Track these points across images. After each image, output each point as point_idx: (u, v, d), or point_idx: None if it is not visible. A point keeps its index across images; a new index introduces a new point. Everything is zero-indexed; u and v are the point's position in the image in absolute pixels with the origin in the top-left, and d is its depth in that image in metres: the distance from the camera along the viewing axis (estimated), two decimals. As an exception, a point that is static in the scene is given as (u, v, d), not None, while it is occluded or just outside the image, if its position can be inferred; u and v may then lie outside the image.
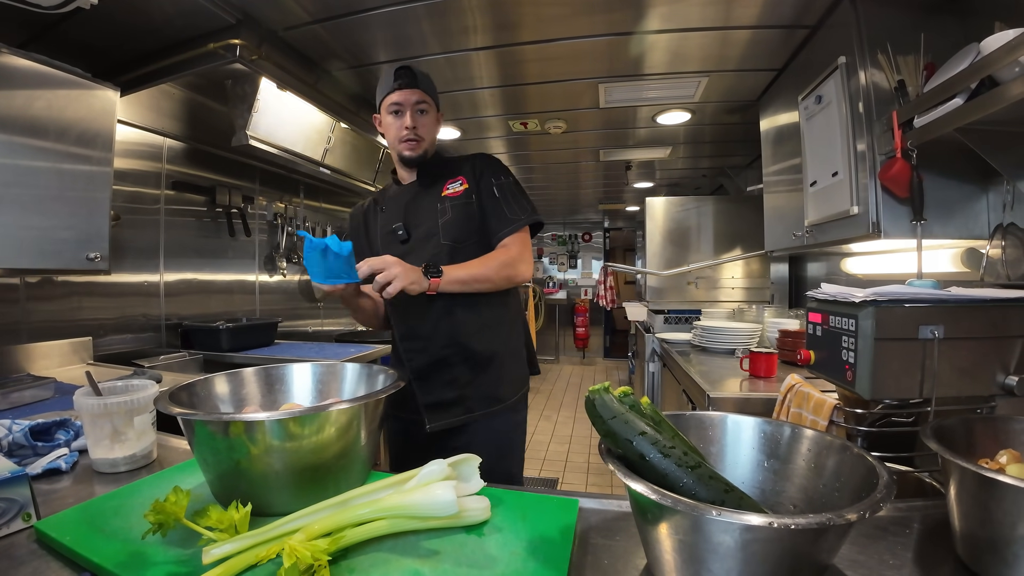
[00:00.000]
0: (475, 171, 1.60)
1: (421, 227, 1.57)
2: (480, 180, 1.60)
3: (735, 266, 4.21)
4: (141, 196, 2.77)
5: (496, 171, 1.63)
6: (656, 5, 2.13)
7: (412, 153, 1.56)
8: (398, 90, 1.52)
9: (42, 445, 1.07)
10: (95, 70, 2.11)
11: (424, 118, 1.57)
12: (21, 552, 0.72)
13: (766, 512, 0.62)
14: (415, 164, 1.61)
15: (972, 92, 1.37)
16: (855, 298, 0.98)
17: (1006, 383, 0.97)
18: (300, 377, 1.15)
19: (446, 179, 1.61)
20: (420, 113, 1.55)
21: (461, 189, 1.58)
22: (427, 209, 1.58)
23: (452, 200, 1.57)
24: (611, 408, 0.66)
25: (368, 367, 1.14)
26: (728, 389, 1.99)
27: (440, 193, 1.59)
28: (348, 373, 1.16)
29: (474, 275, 1.46)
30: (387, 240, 1.62)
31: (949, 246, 1.94)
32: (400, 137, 1.55)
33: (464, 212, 1.56)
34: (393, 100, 1.53)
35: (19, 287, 2.21)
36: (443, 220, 1.55)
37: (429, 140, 1.59)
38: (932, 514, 0.82)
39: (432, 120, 1.60)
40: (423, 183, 1.63)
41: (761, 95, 3.02)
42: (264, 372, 1.12)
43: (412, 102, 1.53)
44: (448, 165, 1.65)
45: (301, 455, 0.79)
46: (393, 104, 1.54)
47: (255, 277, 3.64)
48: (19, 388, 1.73)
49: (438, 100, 1.64)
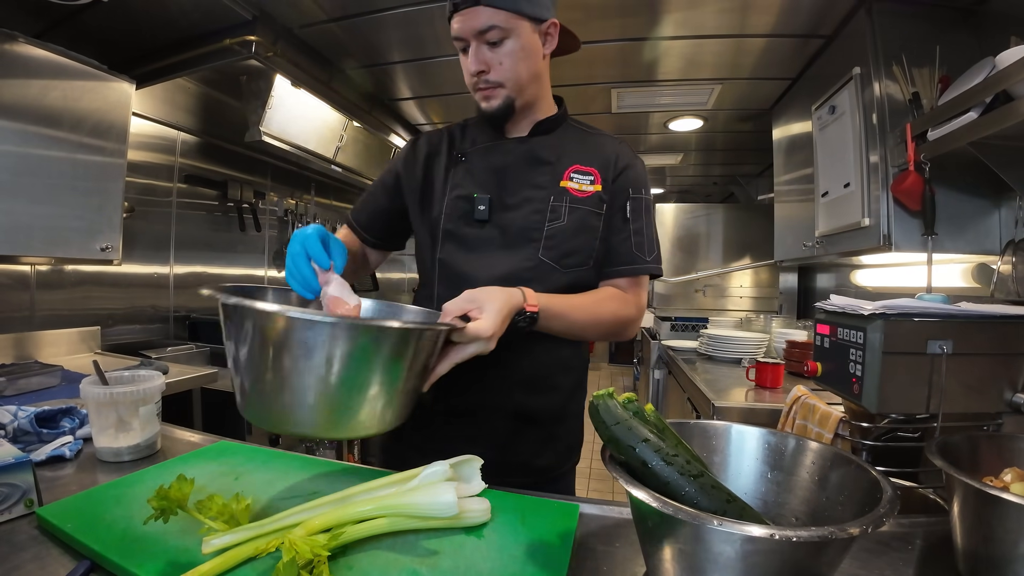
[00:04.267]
0: (614, 170, 1.16)
1: (514, 217, 1.12)
2: (616, 185, 1.15)
3: (744, 275, 4.19)
4: (153, 188, 2.79)
5: (640, 181, 1.17)
6: (671, 11, 2.13)
7: (489, 106, 1.10)
8: (457, 14, 1.03)
9: (47, 432, 1.08)
10: (111, 62, 2.13)
11: (500, 51, 1.04)
12: (22, 538, 0.72)
13: (768, 523, 0.62)
14: (504, 119, 1.13)
15: (987, 106, 1.37)
16: (864, 311, 0.98)
17: (1014, 401, 0.96)
18: None
19: (573, 160, 1.15)
20: (491, 46, 1.04)
21: (591, 190, 1.13)
22: (535, 194, 1.13)
23: (576, 201, 1.12)
24: (615, 414, 0.66)
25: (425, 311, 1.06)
26: (733, 399, 1.99)
27: (560, 180, 1.13)
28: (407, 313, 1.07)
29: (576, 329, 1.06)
30: (454, 208, 1.15)
31: (960, 261, 1.92)
32: (471, 84, 1.10)
33: (585, 224, 1.12)
34: (455, 32, 1.05)
35: (30, 275, 2.23)
36: (553, 224, 1.11)
37: (517, 82, 1.08)
38: (935, 530, 0.81)
39: (518, 48, 1.04)
40: (537, 149, 1.15)
41: (774, 104, 3.01)
42: None
43: (475, 30, 1.02)
44: (574, 138, 1.19)
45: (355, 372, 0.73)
46: (455, 39, 1.06)
47: (264, 272, 3.66)
48: (26, 375, 1.74)
49: (536, 6, 1.05)
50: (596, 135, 1.22)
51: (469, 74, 1.07)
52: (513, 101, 1.10)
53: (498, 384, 1.12)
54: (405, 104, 3.28)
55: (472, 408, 1.14)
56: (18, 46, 1.78)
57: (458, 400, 1.13)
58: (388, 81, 2.93)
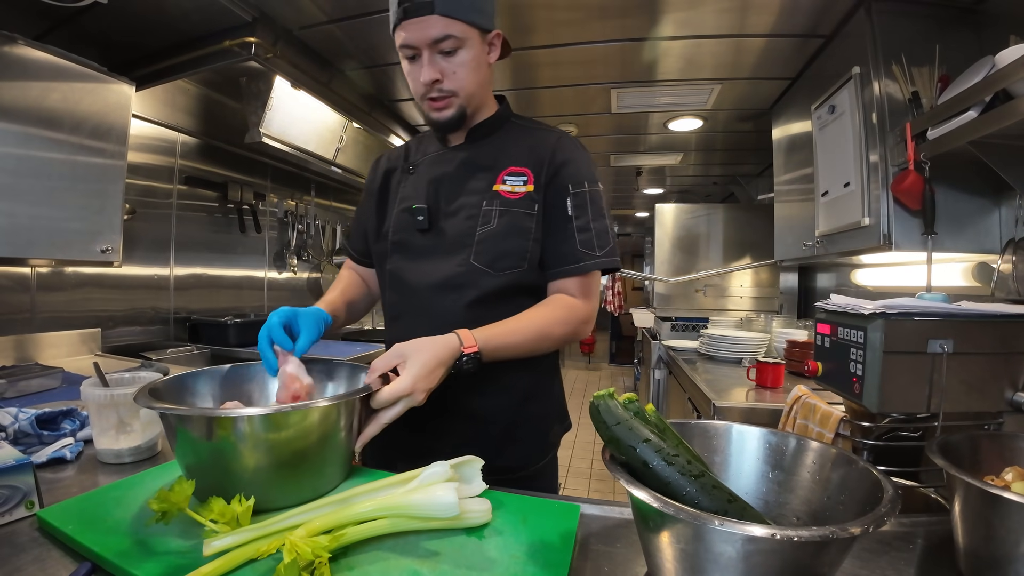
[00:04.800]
0: (549, 166, 1.13)
1: (451, 224, 1.14)
2: (553, 182, 1.13)
3: (744, 275, 4.19)
4: (154, 190, 2.79)
5: (581, 175, 1.14)
6: (670, 11, 2.13)
7: (441, 116, 1.09)
8: (408, 22, 1.00)
9: (48, 434, 1.08)
10: (111, 64, 2.13)
11: (454, 60, 1.04)
12: (23, 539, 0.72)
13: (769, 523, 0.62)
14: (455, 128, 1.14)
15: (986, 105, 1.36)
16: (864, 310, 0.98)
17: (1015, 400, 0.96)
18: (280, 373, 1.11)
19: (509, 162, 1.14)
20: (444, 55, 1.03)
21: (523, 191, 1.12)
22: (469, 200, 1.13)
23: (506, 204, 1.11)
24: (615, 414, 0.66)
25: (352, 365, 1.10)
26: (734, 398, 1.99)
27: (494, 183, 1.13)
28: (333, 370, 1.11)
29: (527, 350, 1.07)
30: (402, 220, 1.18)
31: (960, 260, 1.92)
32: (421, 95, 1.08)
33: (516, 226, 1.11)
34: (403, 39, 1.02)
35: (30, 277, 2.23)
36: (484, 229, 1.11)
37: (469, 91, 1.08)
38: (936, 530, 0.81)
39: (471, 57, 1.05)
40: (473, 154, 1.17)
41: (774, 104, 3.01)
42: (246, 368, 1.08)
43: (429, 39, 1.00)
44: (514, 138, 1.18)
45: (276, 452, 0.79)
46: (404, 46, 1.03)
47: (264, 273, 3.65)
48: (27, 377, 1.74)
49: (485, 17, 1.05)
50: (536, 131, 1.21)
51: (421, 83, 1.05)
52: (465, 110, 1.11)
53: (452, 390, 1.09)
54: (405, 105, 3.28)
55: (428, 414, 1.11)
56: (18, 48, 1.78)
57: None
58: (388, 82, 2.93)
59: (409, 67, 1.07)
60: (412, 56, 1.05)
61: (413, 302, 1.17)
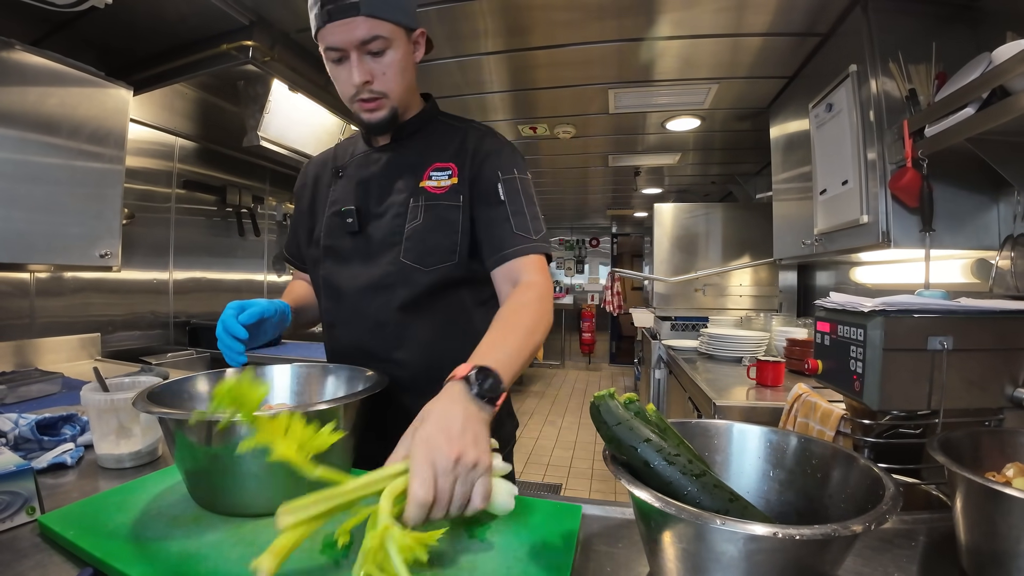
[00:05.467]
0: (474, 158, 1.13)
1: (380, 225, 1.13)
2: (479, 173, 1.12)
3: (743, 274, 4.19)
4: (152, 194, 2.79)
5: (507, 162, 1.13)
6: (667, 11, 2.14)
7: (373, 117, 1.08)
8: (332, 24, 0.98)
9: (48, 439, 1.08)
10: (108, 68, 2.13)
11: (383, 61, 1.03)
12: (24, 545, 0.72)
13: (771, 522, 0.62)
14: (386, 130, 1.13)
15: (984, 102, 1.36)
16: (864, 308, 0.98)
17: (1015, 395, 0.96)
18: (280, 378, 1.13)
19: (434, 158, 1.14)
20: (373, 56, 1.02)
21: (448, 184, 1.11)
22: (397, 198, 1.13)
23: (432, 198, 1.11)
24: (616, 414, 0.66)
25: (352, 368, 1.11)
26: (734, 397, 1.99)
27: (420, 180, 1.13)
28: (330, 374, 1.12)
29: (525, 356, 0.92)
30: (332, 224, 1.17)
31: (959, 257, 1.93)
32: (351, 96, 1.06)
33: (442, 219, 1.10)
34: (328, 42, 1.00)
35: (29, 282, 2.23)
36: (412, 225, 1.10)
37: (400, 91, 1.08)
38: (938, 527, 0.81)
39: (400, 57, 1.04)
40: (400, 153, 1.17)
41: (771, 102, 3.02)
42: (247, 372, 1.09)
43: (357, 40, 0.99)
44: (440, 135, 1.19)
45: None
46: (329, 49, 1.01)
47: (263, 276, 3.65)
48: (27, 382, 1.74)
49: (409, 16, 1.05)
50: (462, 128, 1.20)
51: (351, 85, 1.03)
52: (397, 111, 1.10)
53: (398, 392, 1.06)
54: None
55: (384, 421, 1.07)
56: (15, 54, 1.78)
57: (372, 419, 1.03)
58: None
59: (335, 69, 1.05)
60: (338, 59, 1.03)
61: (346, 307, 1.16)
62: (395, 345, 1.12)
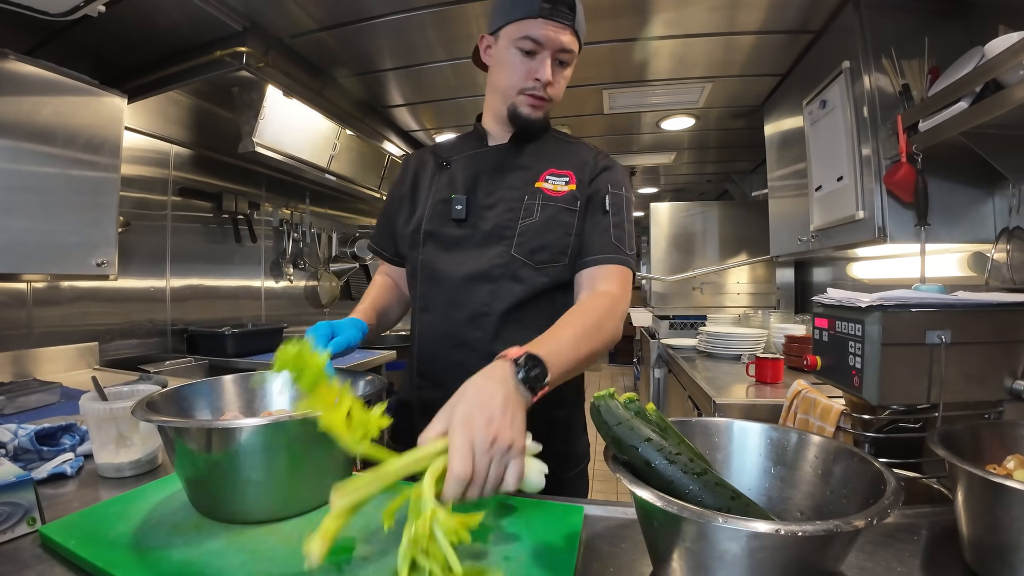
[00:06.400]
0: (592, 171, 1.19)
1: (490, 216, 1.15)
2: (594, 184, 1.18)
3: (741, 271, 4.20)
4: (148, 202, 2.78)
5: (619, 179, 1.20)
6: (660, 11, 2.14)
7: (532, 113, 1.15)
8: (547, 21, 1.06)
9: (47, 450, 1.07)
10: (102, 77, 2.13)
11: (563, 72, 1.15)
12: (25, 556, 0.72)
13: (773, 519, 0.62)
14: (525, 127, 1.19)
15: (977, 96, 1.37)
16: (861, 303, 0.98)
17: (1014, 388, 0.96)
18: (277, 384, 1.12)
19: (549, 165, 1.19)
20: (561, 64, 1.13)
21: (566, 189, 1.16)
22: (509, 194, 1.17)
23: (548, 199, 1.15)
24: (616, 414, 0.66)
25: (350, 373, 1.11)
26: (734, 395, 1.99)
27: (535, 181, 1.17)
28: None
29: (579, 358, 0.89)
30: (436, 212, 1.19)
31: (955, 250, 1.93)
32: (523, 87, 1.12)
33: (558, 221, 1.14)
34: (534, 33, 1.07)
35: (26, 292, 2.22)
36: (525, 221, 1.13)
37: (556, 102, 1.20)
38: (940, 520, 0.81)
39: (569, 75, 1.18)
40: (513, 154, 1.21)
41: (765, 100, 3.02)
42: (243, 379, 1.09)
43: (560, 45, 1.09)
44: (553, 145, 1.24)
45: (275, 462, 0.79)
46: (530, 39, 1.08)
47: (261, 283, 3.64)
48: (25, 393, 1.73)
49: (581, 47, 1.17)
50: (575, 143, 1.27)
51: (531, 78, 1.11)
52: (547, 116, 1.21)
53: None
54: (398, 111, 3.28)
55: None
56: (8, 63, 1.78)
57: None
58: (380, 88, 2.93)
59: (518, 57, 1.10)
60: (531, 51, 1.09)
61: (444, 293, 1.16)
62: (492, 337, 1.11)
